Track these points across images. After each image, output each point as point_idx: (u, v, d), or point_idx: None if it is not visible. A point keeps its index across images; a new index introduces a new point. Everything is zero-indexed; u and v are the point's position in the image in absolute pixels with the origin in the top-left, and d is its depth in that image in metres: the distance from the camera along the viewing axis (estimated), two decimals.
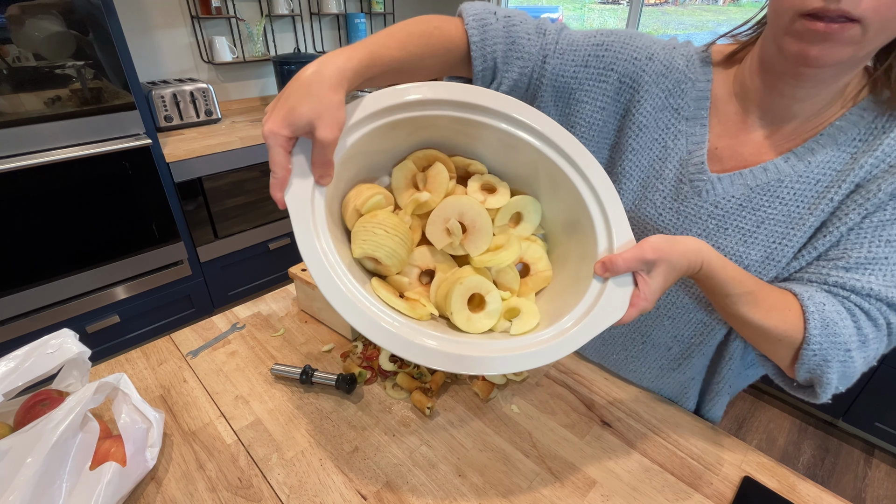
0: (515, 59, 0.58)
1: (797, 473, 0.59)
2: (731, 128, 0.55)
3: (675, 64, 0.57)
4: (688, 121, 0.57)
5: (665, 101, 0.57)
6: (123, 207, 1.66)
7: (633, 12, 2.17)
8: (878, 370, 1.43)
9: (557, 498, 0.56)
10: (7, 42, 1.31)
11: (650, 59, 0.57)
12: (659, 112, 0.58)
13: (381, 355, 0.75)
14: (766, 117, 0.53)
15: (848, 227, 0.48)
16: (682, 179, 0.57)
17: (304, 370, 0.71)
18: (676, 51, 0.58)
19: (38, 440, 0.46)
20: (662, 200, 0.58)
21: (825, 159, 0.49)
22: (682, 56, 0.57)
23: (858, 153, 0.48)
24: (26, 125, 1.40)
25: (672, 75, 0.57)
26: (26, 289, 1.56)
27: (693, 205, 0.56)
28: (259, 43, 2.28)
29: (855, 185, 0.48)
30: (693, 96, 0.56)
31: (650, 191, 0.59)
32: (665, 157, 0.58)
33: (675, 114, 0.57)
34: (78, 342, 0.61)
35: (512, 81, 0.60)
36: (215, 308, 2.13)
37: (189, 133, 1.92)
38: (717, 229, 0.55)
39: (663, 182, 0.58)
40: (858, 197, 0.47)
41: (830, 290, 0.49)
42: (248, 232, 2.08)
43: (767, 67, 0.50)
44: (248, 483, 0.58)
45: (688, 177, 0.56)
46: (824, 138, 0.50)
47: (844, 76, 0.47)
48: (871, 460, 1.54)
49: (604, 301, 0.46)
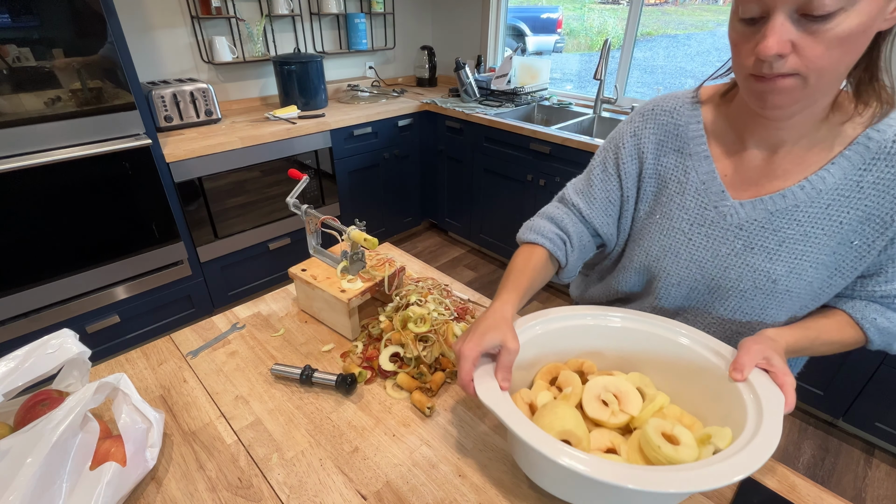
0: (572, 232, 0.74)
1: (797, 473, 0.59)
2: (733, 156, 0.64)
3: (659, 119, 0.68)
4: (692, 157, 0.66)
5: (663, 146, 0.68)
6: (123, 207, 1.66)
7: (633, 12, 2.17)
8: (878, 370, 1.43)
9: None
10: (7, 42, 1.31)
11: (633, 135, 0.70)
12: (662, 158, 0.68)
13: (381, 355, 0.75)
14: (761, 144, 0.61)
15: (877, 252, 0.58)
16: (705, 206, 0.65)
17: (303, 370, 0.71)
18: (657, 107, 0.69)
19: (38, 440, 0.46)
20: (690, 227, 0.67)
21: (834, 187, 0.57)
22: (663, 110, 0.68)
23: (863, 182, 0.56)
24: (26, 125, 1.40)
25: (661, 127, 0.67)
26: (26, 289, 1.56)
27: (720, 228, 0.64)
28: (259, 43, 2.28)
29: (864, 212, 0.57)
30: (690, 136, 0.66)
31: (675, 220, 0.68)
32: (682, 191, 0.67)
33: (678, 154, 0.67)
34: (78, 342, 0.61)
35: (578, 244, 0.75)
36: (215, 308, 2.13)
37: (189, 133, 1.92)
38: (744, 248, 0.63)
39: (687, 212, 0.67)
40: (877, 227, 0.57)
41: (879, 301, 0.62)
42: (248, 232, 2.08)
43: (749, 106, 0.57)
44: (248, 483, 0.58)
45: (712, 204, 0.65)
46: (835, 168, 0.57)
47: (812, 107, 0.54)
48: (871, 460, 1.54)
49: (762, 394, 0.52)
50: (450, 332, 0.75)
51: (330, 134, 2.17)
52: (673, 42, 3.36)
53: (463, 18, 2.84)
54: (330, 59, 2.65)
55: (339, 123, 2.18)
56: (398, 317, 0.78)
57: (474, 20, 2.78)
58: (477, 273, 2.60)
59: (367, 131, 2.32)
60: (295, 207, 0.89)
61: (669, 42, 3.39)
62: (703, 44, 3.30)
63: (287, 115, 2.13)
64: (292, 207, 0.89)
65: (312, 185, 2.22)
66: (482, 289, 2.40)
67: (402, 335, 0.75)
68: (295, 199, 0.89)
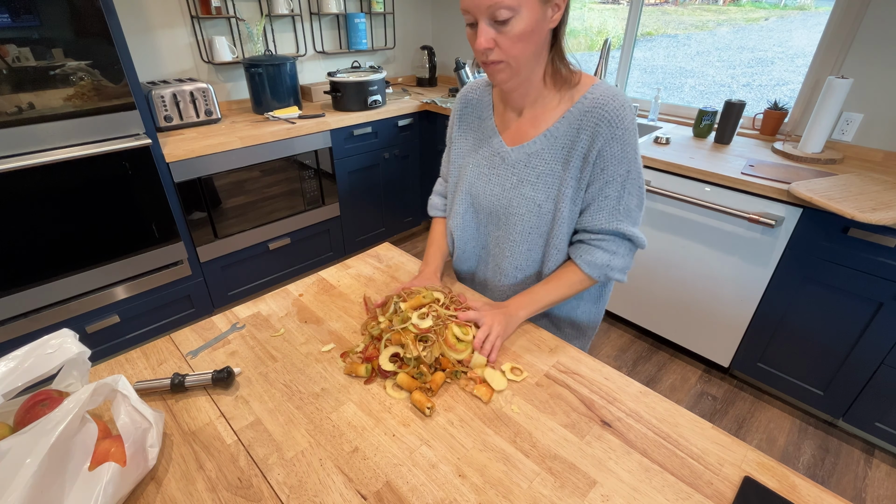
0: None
1: (797, 473, 0.59)
2: (503, 117, 0.89)
3: (468, 97, 0.95)
4: (483, 120, 0.92)
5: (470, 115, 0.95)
6: (123, 207, 1.66)
7: (632, 12, 2.16)
8: (878, 370, 1.43)
9: (557, 498, 0.56)
10: (7, 42, 1.31)
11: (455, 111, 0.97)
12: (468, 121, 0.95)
13: (381, 356, 0.75)
14: (514, 108, 0.86)
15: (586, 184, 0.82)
16: (493, 153, 0.89)
17: (172, 378, 0.70)
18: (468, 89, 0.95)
19: (38, 441, 0.46)
20: (488, 169, 0.90)
21: (562, 134, 0.80)
22: (471, 89, 0.95)
23: (579, 129, 0.79)
24: (26, 125, 1.40)
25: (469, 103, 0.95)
26: (26, 289, 1.56)
27: (503, 167, 0.87)
28: (259, 43, 2.28)
29: (582, 157, 0.79)
30: (484, 106, 0.92)
31: (478, 165, 0.91)
32: (480, 143, 0.92)
33: (479, 119, 0.93)
34: (78, 342, 0.61)
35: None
36: (215, 308, 2.13)
37: (189, 133, 1.92)
38: (518, 182, 0.86)
39: (484, 158, 0.90)
40: (587, 171, 0.80)
41: (582, 236, 0.86)
42: (248, 232, 2.08)
43: None
44: (248, 483, 0.58)
45: (495, 150, 0.88)
46: (562, 121, 0.80)
47: (526, 80, 0.79)
48: (871, 460, 1.54)
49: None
50: (450, 333, 0.75)
51: (330, 134, 2.17)
52: (673, 42, 3.36)
53: (463, 18, 2.84)
54: (330, 59, 2.65)
55: (339, 123, 2.18)
56: (398, 317, 0.78)
57: None
58: None
59: (367, 131, 2.32)
60: None
61: (669, 42, 3.39)
62: (703, 44, 3.29)
63: (287, 116, 2.13)
64: None
65: (313, 185, 2.22)
66: None
67: (401, 335, 0.75)
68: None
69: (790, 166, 1.60)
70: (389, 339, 0.77)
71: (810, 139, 1.67)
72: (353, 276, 1.03)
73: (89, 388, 0.52)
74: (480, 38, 0.70)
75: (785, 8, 3.12)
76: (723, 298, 1.70)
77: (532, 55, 0.74)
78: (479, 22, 0.69)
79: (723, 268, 1.66)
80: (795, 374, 1.64)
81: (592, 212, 0.83)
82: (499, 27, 0.69)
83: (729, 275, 1.65)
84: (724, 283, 1.67)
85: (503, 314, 0.81)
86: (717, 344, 1.79)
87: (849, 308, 1.44)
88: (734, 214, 1.53)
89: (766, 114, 1.88)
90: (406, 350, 0.74)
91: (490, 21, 0.69)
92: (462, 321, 0.78)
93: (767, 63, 2.76)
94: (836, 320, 1.48)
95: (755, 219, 1.49)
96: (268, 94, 2.17)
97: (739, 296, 1.65)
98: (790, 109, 1.87)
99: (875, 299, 1.37)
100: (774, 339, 1.64)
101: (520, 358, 0.79)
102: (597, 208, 0.82)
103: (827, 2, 1.68)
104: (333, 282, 1.01)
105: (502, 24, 0.68)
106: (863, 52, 1.62)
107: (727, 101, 1.81)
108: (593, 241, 0.84)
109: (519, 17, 0.68)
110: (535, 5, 0.68)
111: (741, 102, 1.78)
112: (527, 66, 0.75)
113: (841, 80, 1.55)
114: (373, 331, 0.81)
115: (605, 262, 0.84)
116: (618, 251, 0.84)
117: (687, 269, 1.76)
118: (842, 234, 1.37)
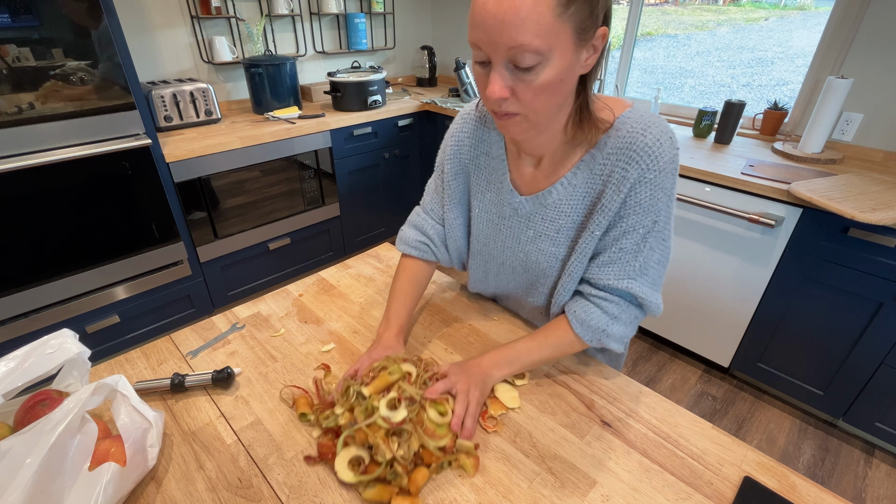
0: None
1: (797, 473, 0.59)
2: (516, 163, 0.75)
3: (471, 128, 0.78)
4: (493, 159, 0.77)
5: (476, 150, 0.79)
6: (123, 207, 1.66)
7: (632, 12, 2.17)
8: (878, 370, 1.43)
9: (557, 498, 0.56)
10: (7, 42, 1.31)
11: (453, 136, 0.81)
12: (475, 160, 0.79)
13: (337, 460, 0.58)
14: (530, 156, 0.72)
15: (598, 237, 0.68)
16: (503, 204, 0.77)
17: (173, 378, 0.71)
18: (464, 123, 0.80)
19: (38, 441, 0.46)
20: (498, 219, 0.79)
21: (582, 182, 0.68)
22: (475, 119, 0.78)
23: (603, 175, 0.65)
24: (26, 125, 1.40)
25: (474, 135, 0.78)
26: (26, 289, 1.56)
27: (515, 220, 0.76)
28: (259, 43, 2.28)
29: (607, 207, 0.65)
30: (493, 142, 0.77)
31: (487, 213, 0.80)
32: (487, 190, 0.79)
33: (487, 157, 0.78)
34: (78, 342, 0.61)
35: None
36: (215, 308, 2.13)
37: (189, 133, 1.92)
38: (535, 236, 0.75)
39: (494, 206, 0.78)
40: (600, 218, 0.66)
41: (584, 287, 0.72)
42: (248, 232, 2.08)
43: None
44: (248, 483, 0.58)
45: (506, 201, 0.76)
46: (581, 166, 0.67)
47: (544, 133, 0.65)
48: (871, 460, 1.54)
49: None
50: (427, 416, 0.60)
51: (330, 134, 2.17)
52: (673, 42, 3.36)
53: (463, 18, 2.84)
54: (330, 59, 2.65)
55: (339, 123, 2.18)
56: (361, 408, 0.59)
57: None
58: None
59: (367, 131, 2.32)
60: None
61: (669, 42, 3.39)
62: (703, 44, 3.29)
63: (287, 116, 2.13)
64: None
65: (313, 185, 2.22)
66: None
67: (367, 433, 0.57)
68: None
69: (790, 166, 1.60)
70: (352, 436, 0.58)
71: (810, 139, 1.67)
72: (353, 276, 1.03)
73: (89, 388, 0.52)
74: (494, 84, 0.54)
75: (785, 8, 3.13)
76: (723, 298, 1.70)
77: (556, 107, 0.59)
78: (495, 62, 0.54)
79: (723, 268, 1.66)
80: (795, 374, 1.64)
81: (601, 263, 0.68)
82: (519, 73, 0.53)
83: (729, 275, 1.65)
84: (724, 284, 1.67)
85: (478, 377, 0.66)
86: (717, 344, 1.79)
87: (849, 308, 1.44)
88: (734, 214, 1.53)
89: (766, 114, 1.88)
90: (377, 452, 0.56)
91: (510, 65, 0.53)
92: (436, 396, 0.62)
93: (767, 63, 2.76)
94: (836, 320, 1.48)
95: (755, 219, 1.49)
96: (268, 94, 2.17)
97: (739, 296, 1.65)
98: (790, 109, 1.87)
99: (875, 299, 1.37)
100: (774, 339, 1.64)
101: None
102: (606, 260, 0.68)
103: (827, 2, 1.68)
104: (333, 282, 1.01)
105: (524, 71, 0.53)
106: (863, 52, 1.62)
107: (727, 101, 1.81)
108: (594, 297, 0.70)
109: (548, 65, 0.52)
110: (568, 49, 0.53)
111: (741, 102, 1.78)
112: (549, 120, 0.61)
113: (841, 80, 1.55)
114: (326, 422, 0.62)
115: (600, 327, 0.69)
116: (620, 316, 0.69)
117: (687, 270, 1.76)
118: (842, 234, 1.37)
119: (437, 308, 0.92)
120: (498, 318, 0.89)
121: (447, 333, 0.85)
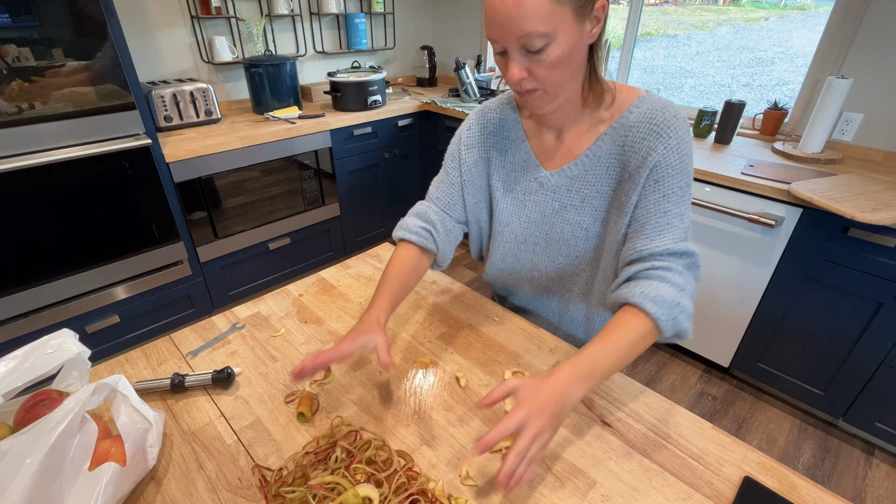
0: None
1: (797, 473, 0.59)
2: (538, 139, 0.81)
3: (489, 117, 0.85)
4: (513, 142, 0.83)
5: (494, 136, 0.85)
6: (123, 207, 1.66)
7: (633, 12, 2.16)
8: (878, 370, 1.43)
9: (557, 498, 0.56)
10: (7, 42, 1.31)
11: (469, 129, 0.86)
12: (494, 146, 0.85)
13: None
14: (551, 130, 0.79)
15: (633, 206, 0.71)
16: (528, 179, 0.82)
17: (172, 378, 0.70)
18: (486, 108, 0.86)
19: (38, 441, 0.46)
20: (523, 196, 0.83)
21: (606, 153, 0.74)
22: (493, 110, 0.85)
23: (625, 146, 0.71)
24: (26, 125, 1.40)
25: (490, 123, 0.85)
26: (26, 289, 1.56)
27: (541, 193, 0.81)
28: (259, 43, 2.28)
29: (631, 175, 0.70)
30: (510, 126, 0.83)
31: (511, 192, 0.84)
32: (511, 168, 0.84)
33: (506, 141, 0.84)
34: (78, 342, 0.61)
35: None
36: (215, 308, 2.13)
37: (189, 133, 1.92)
38: (560, 207, 0.80)
39: (518, 184, 0.83)
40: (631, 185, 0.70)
41: (640, 266, 0.67)
42: (248, 232, 2.08)
43: None
44: (248, 483, 0.58)
45: (532, 176, 0.81)
46: (604, 139, 0.73)
47: (563, 103, 0.71)
48: (871, 460, 1.54)
49: None
50: None
51: (330, 134, 2.17)
52: (673, 42, 3.36)
53: (463, 18, 2.84)
54: (330, 59, 2.65)
55: (339, 123, 2.18)
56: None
57: (474, 20, 2.78)
58: (476, 273, 2.60)
59: (367, 131, 2.32)
60: None
61: (669, 42, 3.38)
62: (703, 44, 3.29)
63: (287, 116, 2.13)
64: None
65: (313, 185, 2.22)
66: (482, 289, 2.39)
67: None
68: None
69: (790, 166, 1.60)
70: None
71: (810, 139, 1.67)
72: (353, 276, 1.03)
73: (89, 388, 0.52)
74: (512, 69, 0.63)
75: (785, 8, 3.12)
76: (723, 298, 1.70)
77: (570, 77, 0.66)
78: (510, 51, 0.62)
79: (723, 268, 1.66)
80: (795, 374, 1.64)
81: (651, 233, 0.67)
82: (532, 55, 0.62)
83: (729, 275, 1.65)
84: (724, 283, 1.67)
85: (553, 411, 0.53)
86: (717, 344, 1.79)
87: (849, 308, 1.44)
88: (734, 214, 1.53)
89: (766, 114, 1.88)
90: None
91: (522, 49, 0.61)
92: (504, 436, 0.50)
93: (767, 63, 2.76)
94: (836, 320, 1.48)
95: (755, 219, 1.49)
96: (268, 94, 2.17)
97: (739, 296, 1.65)
98: (790, 109, 1.87)
99: (875, 299, 1.37)
100: (774, 339, 1.64)
101: (520, 358, 0.79)
102: (655, 227, 0.67)
103: (827, 2, 1.68)
104: (333, 282, 1.01)
105: (535, 53, 0.61)
106: (863, 52, 1.62)
107: (727, 101, 1.81)
108: (656, 270, 0.65)
109: (555, 44, 0.60)
110: (571, 26, 0.60)
111: (741, 102, 1.78)
112: (564, 90, 0.68)
113: (841, 80, 1.55)
114: (290, 497, 0.53)
115: (675, 300, 0.62)
116: (686, 287, 0.64)
117: None
118: (842, 234, 1.37)
119: (437, 308, 0.93)
120: (499, 319, 0.89)
121: (447, 333, 0.85)
